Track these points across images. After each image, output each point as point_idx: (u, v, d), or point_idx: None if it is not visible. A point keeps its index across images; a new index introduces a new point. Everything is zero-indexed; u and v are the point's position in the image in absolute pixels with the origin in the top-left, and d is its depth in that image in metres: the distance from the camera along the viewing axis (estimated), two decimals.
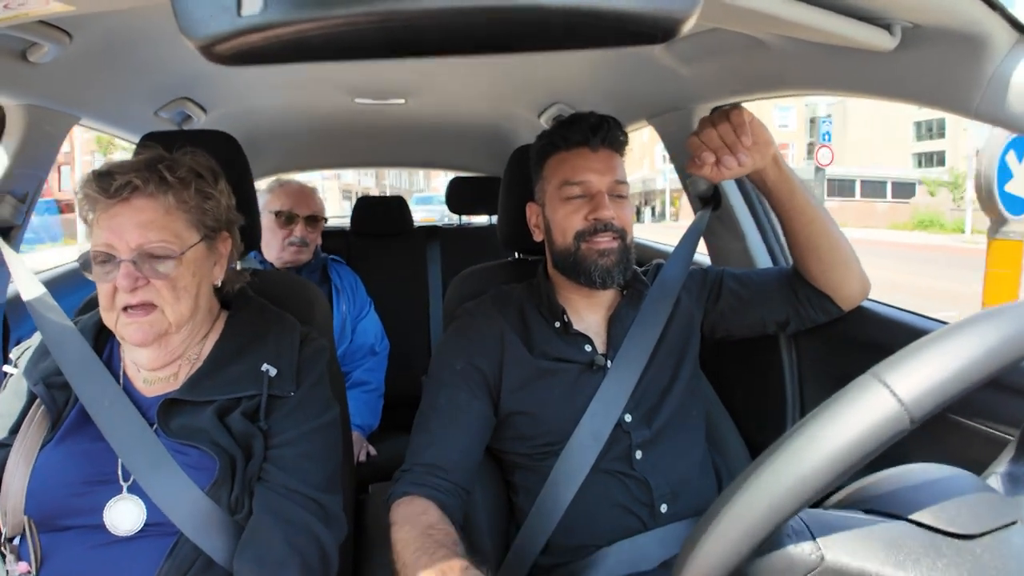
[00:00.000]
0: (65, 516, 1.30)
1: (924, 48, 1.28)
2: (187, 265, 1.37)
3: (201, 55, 0.66)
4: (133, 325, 1.33)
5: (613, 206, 1.64)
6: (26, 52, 1.62)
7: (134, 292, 1.31)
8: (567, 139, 1.69)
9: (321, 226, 2.95)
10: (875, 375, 0.71)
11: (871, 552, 0.73)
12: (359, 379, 2.82)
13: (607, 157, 1.68)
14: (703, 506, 0.96)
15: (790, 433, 0.74)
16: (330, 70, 2.55)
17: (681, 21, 0.67)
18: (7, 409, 1.40)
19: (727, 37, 1.67)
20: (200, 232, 1.41)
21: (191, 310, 1.39)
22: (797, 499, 0.70)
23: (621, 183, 1.68)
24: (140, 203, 1.34)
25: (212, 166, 1.48)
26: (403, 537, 1.35)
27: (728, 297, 1.82)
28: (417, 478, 1.50)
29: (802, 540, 0.75)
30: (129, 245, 1.31)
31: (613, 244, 1.63)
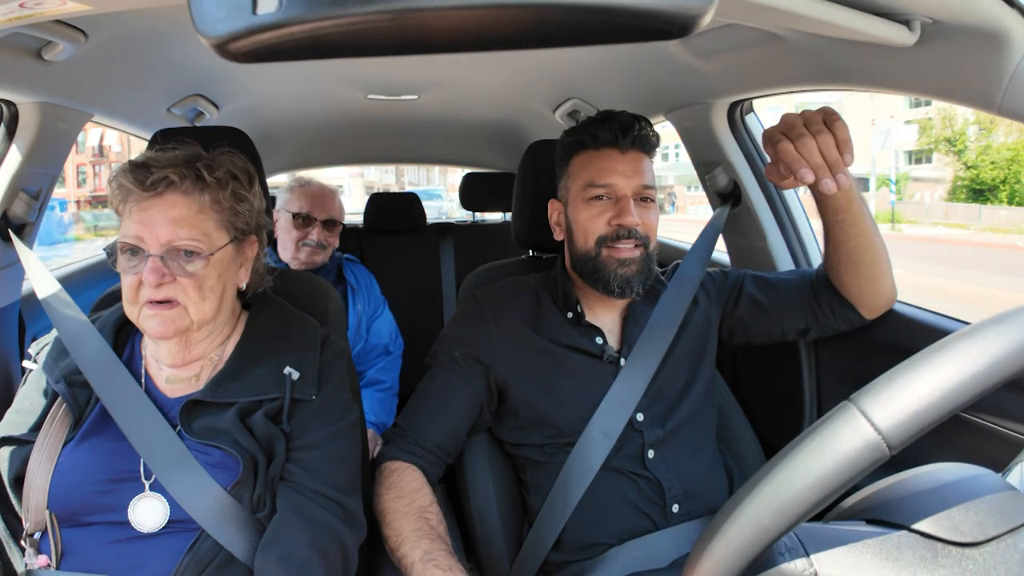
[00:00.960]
0: (88, 513, 1.30)
1: (944, 44, 1.26)
2: (214, 266, 1.36)
3: (216, 53, 0.66)
4: (156, 318, 1.33)
5: (638, 211, 1.61)
6: (41, 51, 1.62)
7: (159, 288, 1.31)
8: (596, 138, 1.65)
9: (338, 230, 2.92)
10: (853, 402, 0.71)
11: (866, 565, 0.73)
12: (374, 378, 2.82)
13: (636, 159, 1.64)
14: (715, 507, 0.95)
15: (776, 459, 0.74)
16: (343, 66, 2.54)
17: (698, 17, 0.66)
18: (29, 406, 1.40)
19: (745, 32, 1.65)
20: (230, 234, 1.40)
21: (215, 311, 1.38)
22: (781, 523, 0.70)
23: (649, 187, 1.64)
24: (174, 199, 1.33)
25: (248, 168, 1.48)
26: (401, 508, 1.47)
27: (747, 304, 1.79)
28: (406, 446, 1.61)
29: (795, 557, 0.75)
30: (159, 240, 1.30)
31: (635, 253, 1.61)
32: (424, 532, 1.40)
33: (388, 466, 1.57)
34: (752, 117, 2.24)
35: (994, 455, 1.43)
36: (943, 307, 1.77)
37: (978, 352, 0.68)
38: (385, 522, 1.46)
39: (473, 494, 1.69)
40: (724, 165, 2.24)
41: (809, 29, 1.38)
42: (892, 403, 0.69)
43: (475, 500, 1.68)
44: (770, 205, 2.23)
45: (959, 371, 0.68)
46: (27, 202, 1.91)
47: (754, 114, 2.25)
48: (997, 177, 28.74)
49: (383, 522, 1.47)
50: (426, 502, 1.48)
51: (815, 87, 1.76)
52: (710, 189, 2.33)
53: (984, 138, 30.18)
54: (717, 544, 0.73)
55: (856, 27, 1.22)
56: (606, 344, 1.67)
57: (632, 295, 1.64)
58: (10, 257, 1.92)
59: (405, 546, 1.38)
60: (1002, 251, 17.49)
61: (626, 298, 1.65)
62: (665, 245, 3.23)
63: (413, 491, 1.50)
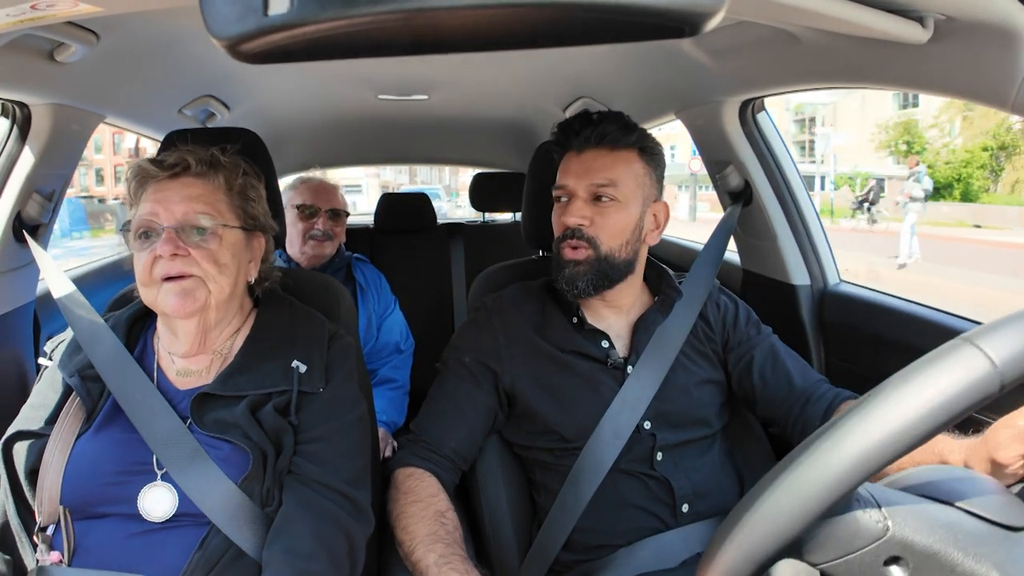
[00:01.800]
0: (100, 504, 1.31)
1: (958, 41, 1.25)
2: (227, 245, 1.40)
3: (227, 54, 0.66)
4: (173, 291, 1.35)
5: (591, 210, 1.60)
6: (53, 52, 1.63)
7: (173, 260, 1.34)
8: (560, 143, 1.69)
9: (344, 220, 2.94)
10: (967, 340, 0.71)
11: (934, 530, 0.73)
12: (385, 376, 2.82)
13: (593, 158, 1.62)
14: (725, 507, 0.94)
15: (877, 390, 0.74)
16: (353, 67, 2.55)
17: (710, 15, 0.66)
18: (44, 401, 1.43)
19: (757, 30, 1.64)
20: (240, 220, 1.45)
21: (231, 287, 1.42)
22: (885, 453, 0.70)
23: (603, 185, 1.60)
24: (189, 180, 1.41)
25: (256, 171, 1.55)
26: (417, 512, 1.46)
27: (743, 368, 1.73)
28: (422, 452, 1.60)
29: (870, 507, 0.74)
30: (174, 215, 1.36)
31: (579, 254, 1.60)
32: (439, 536, 1.40)
33: (403, 471, 1.57)
34: (764, 116, 2.23)
35: None
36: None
37: None
38: (400, 526, 1.46)
39: (484, 494, 1.69)
40: (735, 164, 2.23)
41: (822, 26, 1.37)
42: (1009, 341, 0.69)
43: (486, 500, 1.69)
44: (782, 205, 2.22)
45: None
46: (41, 203, 1.92)
47: (766, 112, 2.24)
48: (951, 176, 31.45)
49: (397, 526, 1.47)
50: (443, 507, 1.48)
51: (827, 85, 1.75)
52: (721, 188, 2.32)
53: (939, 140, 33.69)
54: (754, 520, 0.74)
55: (869, 24, 1.21)
56: (611, 349, 1.66)
57: (581, 295, 1.63)
58: (25, 257, 1.93)
59: (420, 550, 1.37)
60: (936, 241, 19.02)
61: (580, 298, 1.64)
62: (676, 245, 3.22)
63: (429, 496, 1.50)
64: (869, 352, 1.86)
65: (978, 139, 30.52)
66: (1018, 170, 29.85)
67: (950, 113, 31.88)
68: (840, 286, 2.19)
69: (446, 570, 1.31)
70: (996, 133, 30.32)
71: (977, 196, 30.70)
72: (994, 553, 0.71)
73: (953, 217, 26.84)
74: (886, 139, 35.69)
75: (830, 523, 0.74)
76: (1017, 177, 29.44)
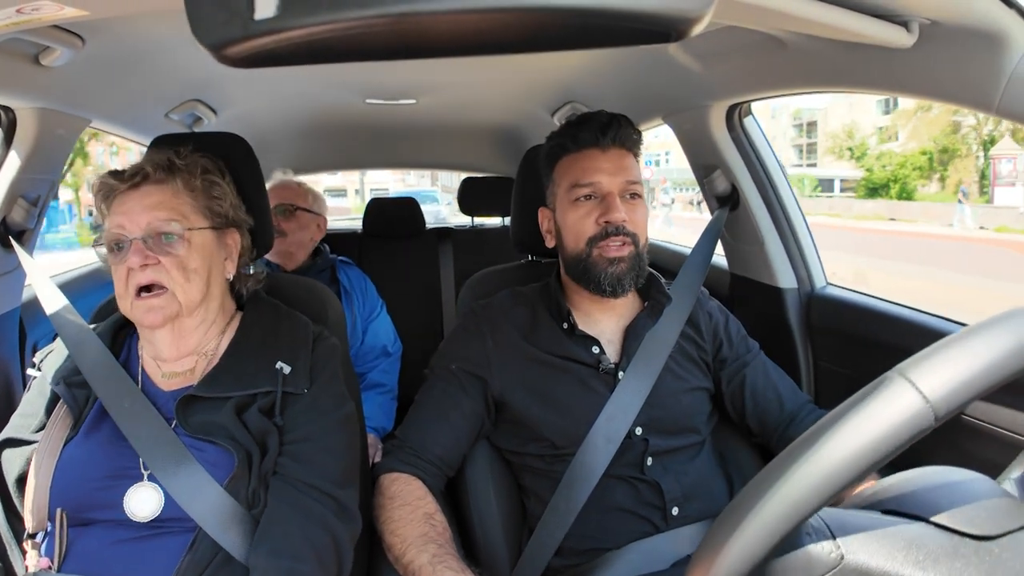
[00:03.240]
0: (88, 509, 1.31)
1: (942, 45, 1.26)
2: (196, 248, 1.41)
3: (213, 58, 0.66)
4: (144, 306, 1.37)
5: (625, 208, 1.60)
6: (39, 56, 1.63)
7: (144, 270, 1.36)
8: (576, 140, 1.65)
9: (299, 216, 2.87)
10: (900, 372, 0.71)
11: (891, 552, 0.72)
12: (373, 381, 2.81)
13: (618, 157, 1.63)
14: (715, 509, 0.94)
15: (815, 429, 0.73)
16: (341, 71, 2.54)
17: (695, 20, 0.66)
18: (32, 410, 1.43)
19: (743, 34, 1.65)
20: (208, 219, 1.46)
21: (201, 293, 1.42)
22: (820, 496, 0.70)
23: (634, 183, 1.63)
24: (149, 188, 1.41)
25: (218, 164, 1.55)
26: (405, 516, 1.46)
27: (735, 397, 1.75)
28: (407, 457, 1.59)
29: (822, 539, 0.74)
30: (139, 225, 1.37)
31: (624, 251, 1.60)
32: (431, 537, 1.39)
33: (388, 477, 1.56)
34: (751, 120, 2.24)
35: (993, 458, 1.44)
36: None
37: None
38: (388, 530, 1.45)
39: (474, 499, 1.68)
40: (723, 168, 2.24)
41: (807, 31, 1.38)
42: (940, 373, 0.69)
43: (476, 505, 1.68)
44: (769, 209, 2.23)
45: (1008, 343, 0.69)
46: (26, 208, 1.91)
47: (752, 117, 2.25)
48: (887, 177, 36.38)
49: (386, 531, 1.46)
50: (431, 509, 1.48)
51: (814, 89, 1.76)
52: (708, 193, 2.33)
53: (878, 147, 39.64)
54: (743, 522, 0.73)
55: (854, 29, 1.22)
56: (602, 354, 1.66)
57: (624, 294, 1.62)
58: (11, 263, 1.92)
59: (411, 552, 1.37)
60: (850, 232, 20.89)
61: (619, 297, 1.63)
62: (664, 249, 3.23)
63: (416, 499, 1.50)
64: (856, 354, 1.87)
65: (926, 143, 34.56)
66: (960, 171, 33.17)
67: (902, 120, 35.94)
68: (827, 289, 2.20)
69: (440, 568, 1.31)
70: (937, 138, 33.76)
71: (912, 194, 35.02)
72: (961, 568, 0.71)
73: (874, 212, 30.35)
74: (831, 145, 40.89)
75: (781, 560, 0.74)
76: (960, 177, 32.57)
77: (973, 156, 28.42)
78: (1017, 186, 25.42)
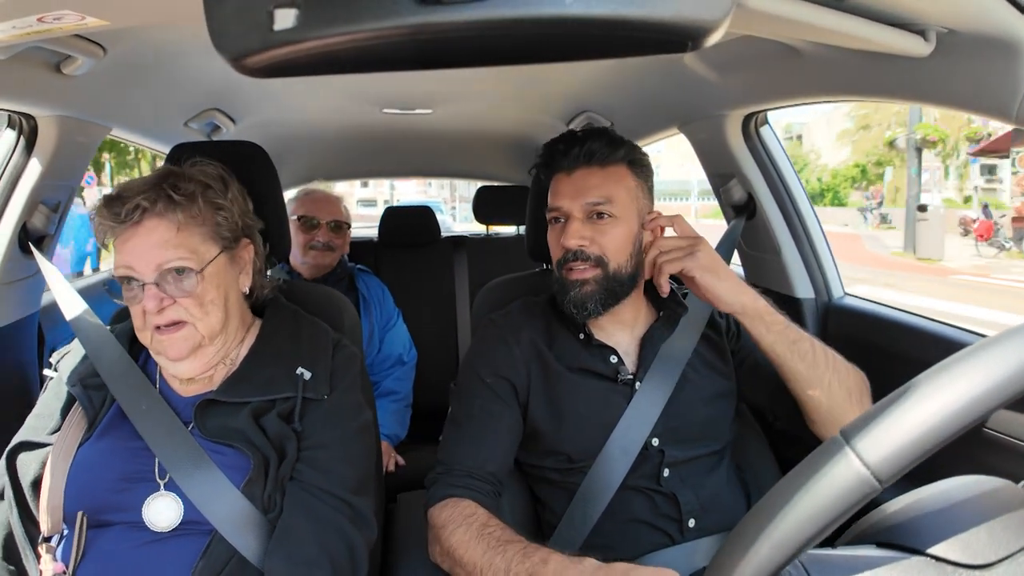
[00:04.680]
0: (104, 512, 1.32)
1: (960, 53, 1.25)
2: (210, 279, 1.37)
3: (233, 68, 0.66)
4: (167, 341, 1.35)
5: (591, 230, 1.58)
6: (60, 65, 1.64)
7: (162, 312, 1.33)
8: (548, 164, 1.66)
9: (346, 232, 2.96)
10: (843, 436, 0.70)
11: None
12: (388, 389, 2.83)
13: (583, 177, 1.60)
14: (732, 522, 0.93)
15: (771, 493, 0.73)
16: (358, 81, 2.56)
17: (711, 29, 0.66)
18: (48, 411, 1.43)
19: (759, 44, 1.64)
20: (218, 244, 1.41)
21: (221, 322, 1.40)
22: (779, 556, 0.69)
23: (598, 204, 1.58)
24: (151, 224, 1.33)
25: (221, 174, 1.48)
26: (461, 539, 1.37)
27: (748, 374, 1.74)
28: (456, 480, 1.51)
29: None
30: (149, 266, 1.32)
31: (586, 274, 1.57)
32: (492, 546, 1.33)
33: (438, 506, 1.49)
34: (767, 129, 2.23)
35: (1014, 469, 1.42)
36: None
37: (967, 381, 0.67)
38: (454, 562, 1.38)
39: None
40: (739, 177, 2.24)
41: (824, 40, 1.38)
42: (880, 437, 0.67)
43: None
44: (785, 218, 2.21)
45: (949, 402, 0.67)
46: (46, 214, 1.93)
47: (769, 126, 2.24)
48: (822, 187, 41.17)
49: (453, 562, 1.39)
50: (484, 520, 1.41)
51: (830, 98, 1.75)
52: (724, 202, 2.32)
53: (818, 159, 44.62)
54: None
55: (871, 38, 1.21)
56: (620, 364, 1.64)
57: (590, 316, 1.60)
58: (30, 268, 1.94)
59: (486, 574, 1.31)
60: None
61: (585, 319, 1.62)
62: None
63: (467, 517, 1.42)
64: (873, 365, 1.85)
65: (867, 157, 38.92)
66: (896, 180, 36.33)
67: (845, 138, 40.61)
68: (844, 299, 2.18)
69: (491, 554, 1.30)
70: (870, 152, 37.67)
71: (844, 201, 39.67)
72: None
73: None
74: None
75: None
76: (897, 185, 35.44)
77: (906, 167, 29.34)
78: (932, 192, 27.74)
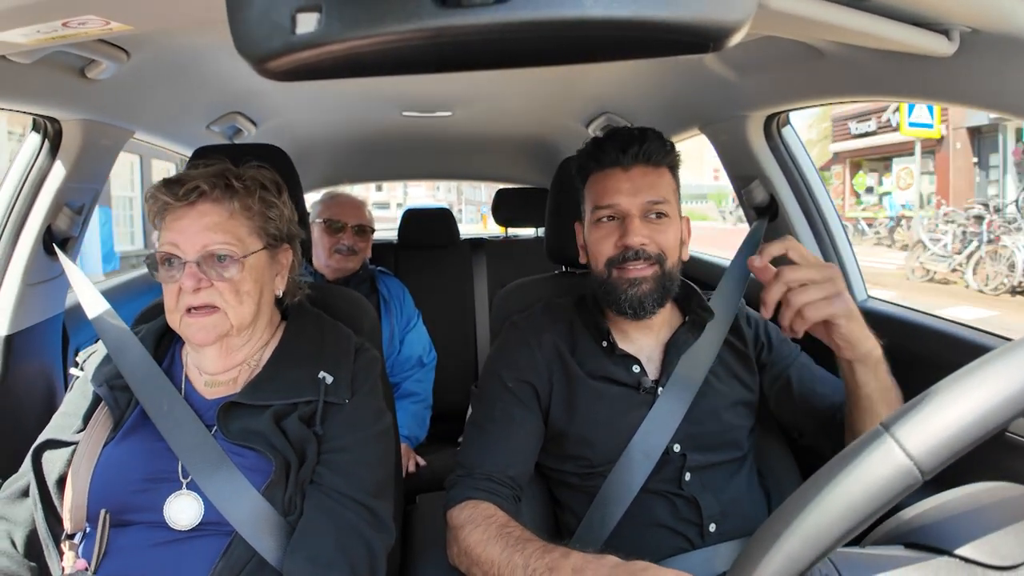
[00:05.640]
0: (126, 511, 1.33)
1: (983, 53, 1.23)
2: (249, 270, 1.40)
3: (255, 71, 0.67)
4: (195, 325, 1.38)
5: (648, 229, 1.57)
6: (84, 69, 1.67)
7: (197, 293, 1.36)
8: (599, 159, 1.62)
9: (369, 236, 2.99)
10: (885, 428, 0.69)
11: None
12: (407, 390, 2.83)
13: (641, 175, 1.58)
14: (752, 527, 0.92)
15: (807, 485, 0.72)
16: (379, 84, 2.57)
17: (733, 30, 0.66)
18: (74, 410, 1.46)
19: (780, 44, 1.63)
20: (263, 240, 1.45)
21: (252, 314, 1.43)
22: (813, 552, 0.68)
23: (657, 203, 1.58)
24: (205, 207, 1.38)
25: (276, 179, 1.52)
26: (480, 539, 1.37)
27: (781, 399, 1.71)
28: (476, 483, 1.51)
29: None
30: (194, 246, 1.36)
31: (646, 272, 1.56)
32: (512, 545, 1.32)
33: (457, 507, 1.49)
34: (789, 130, 2.22)
35: None
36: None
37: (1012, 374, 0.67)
38: (472, 559, 1.38)
39: None
40: (761, 179, 2.22)
41: (846, 40, 1.36)
42: (924, 428, 0.67)
43: None
44: (808, 220, 2.19)
45: (993, 393, 0.66)
46: (71, 216, 1.96)
47: (791, 127, 2.22)
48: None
49: (471, 560, 1.38)
50: (502, 521, 1.40)
51: (852, 98, 1.74)
52: (747, 203, 2.31)
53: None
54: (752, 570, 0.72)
55: (894, 37, 1.20)
56: (643, 375, 1.63)
57: (646, 315, 1.59)
58: (55, 270, 1.96)
59: (504, 570, 1.30)
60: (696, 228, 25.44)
61: (641, 318, 1.60)
62: (702, 261, 3.20)
63: (486, 518, 1.42)
64: (898, 369, 1.83)
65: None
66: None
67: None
68: (868, 302, 2.16)
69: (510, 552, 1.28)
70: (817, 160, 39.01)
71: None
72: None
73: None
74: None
75: None
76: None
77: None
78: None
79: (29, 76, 1.52)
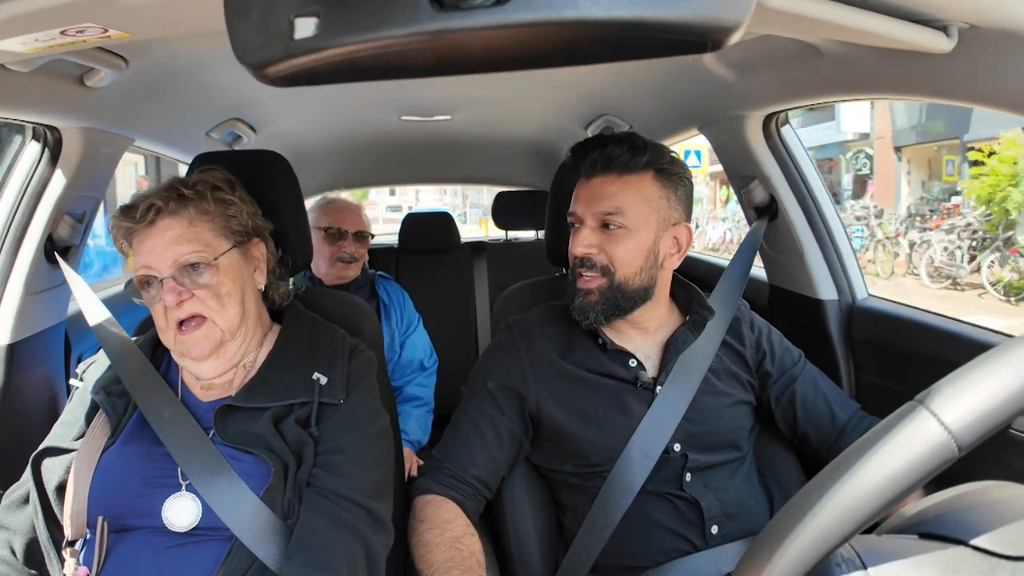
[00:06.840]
0: (126, 517, 1.34)
1: (982, 49, 1.23)
2: (225, 271, 1.42)
3: (254, 78, 0.67)
4: (189, 341, 1.39)
5: (602, 239, 1.57)
6: (83, 77, 1.67)
7: (180, 306, 1.37)
8: (573, 167, 1.65)
9: (368, 242, 2.98)
10: (921, 402, 0.69)
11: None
12: (410, 394, 2.83)
13: (600, 184, 1.58)
14: (755, 528, 0.92)
15: (837, 462, 0.72)
16: (377, 89, 2.57)
17: (732, 29, 0.66)
18: (73, 418, 1.47)
19: (779, 43, 1.63)
20: (230, 240, 1.46)
21: (239, 315, 1.44)
22: (843, 530, 0.68)
23: (610, 213, 1.56)
24: (165, 222, 1.40)
25: (228, 178, 1.53)
26: (432, 540, 1.46)
27: (786, 397, 1.72)
28: (443, 478, 1.59)
29: (853, 569, 0.72)
30: (165, 262, 1.37)
31: (591, 284, 1.58)
32: (455, 562, 1.39)
33: (422, 499, 1.56)
34: (788, 129, 2.21)
35: None
36: None
37: None
38: (418, 556, 1.46)
39: (510, 515, 1.68)
40: (760, 179, 2.22)
41: (844, 38, 1.36)
42: (962, 401, 0.67)
43: (512, 521, 1.67)
44: (808, 219, 2.19)
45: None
46: (72, 225, 1.96)
47: (790, 126, 2.22)
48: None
49: (416, 556, 1.47)
50: (459, 533, 1.47)
51: (851, 97, 1.74)
52: (746, 203, 2.31)
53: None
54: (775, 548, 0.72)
55: (893, 35, 1.20)
56: (640, 369, 1.64)
57: (591, 324, 1.61)
58: (57, 278, 1.97)
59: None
60: None
61: (588, 327, 1.63)
62: (703, 262, 3.20)
63: (445, 522, 1.49)
64: (899, 367, 1.83)
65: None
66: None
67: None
68: (868, 301, 2.16)
69: (449, 567, 1.32)
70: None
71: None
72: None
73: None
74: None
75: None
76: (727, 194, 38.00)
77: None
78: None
79: (28, 84, 1.53)
